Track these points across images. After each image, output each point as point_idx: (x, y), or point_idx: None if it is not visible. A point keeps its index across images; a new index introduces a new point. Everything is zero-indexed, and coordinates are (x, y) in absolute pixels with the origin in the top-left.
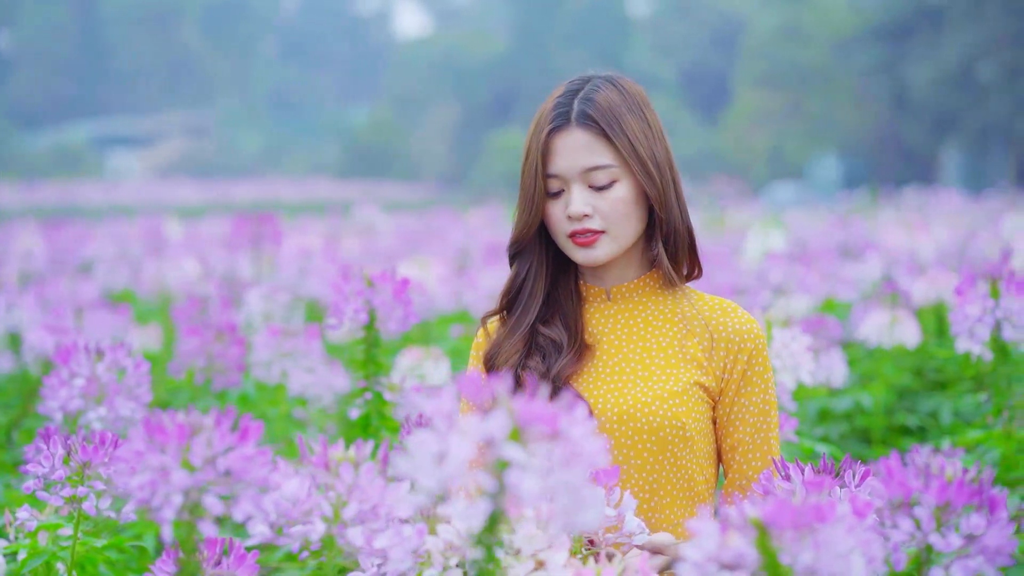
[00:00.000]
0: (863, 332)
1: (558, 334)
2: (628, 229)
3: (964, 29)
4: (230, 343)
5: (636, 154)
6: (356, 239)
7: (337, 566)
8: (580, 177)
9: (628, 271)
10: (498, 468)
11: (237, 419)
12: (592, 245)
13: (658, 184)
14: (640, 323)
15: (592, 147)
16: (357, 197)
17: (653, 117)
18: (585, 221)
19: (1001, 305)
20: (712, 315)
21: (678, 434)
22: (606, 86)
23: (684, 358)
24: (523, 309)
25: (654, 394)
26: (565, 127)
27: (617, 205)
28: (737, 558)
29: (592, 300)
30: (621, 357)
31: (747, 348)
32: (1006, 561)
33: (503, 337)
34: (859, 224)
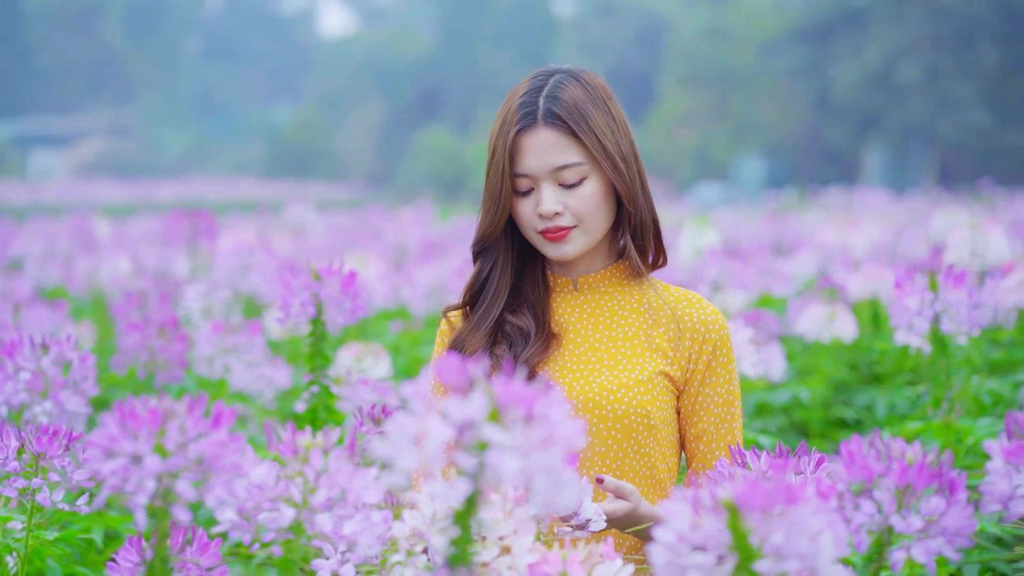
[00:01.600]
0: (801, 327)
1: (525, 322)
2: (599, 223)
3: (886, 31)
4: (172, 339)
5: (604, 150)
6: (288, 237)
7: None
8: (550, 176)
9: (595, 262)
10: (477, 449)
11: (208, 405)
12: (564, 240)
13: (626, 177)
14: (607, 313)
15: (560, 146)
16: (284, 196)
17: (617, 109)
18: (556, 219)
19: (940, 298)
20: (678, 306)
21: (642, 422)
22: (570, 82)
23: (650, 347)
24: (488, 304)
25: (619, 382)
26: (532, 126)
27: (588, 201)
28: (708, 539)
29: (559, 290)
30: (588, 346)
31: (712, 339)
32: (965, 542)
33: (468, 330)
34: (791, 221)
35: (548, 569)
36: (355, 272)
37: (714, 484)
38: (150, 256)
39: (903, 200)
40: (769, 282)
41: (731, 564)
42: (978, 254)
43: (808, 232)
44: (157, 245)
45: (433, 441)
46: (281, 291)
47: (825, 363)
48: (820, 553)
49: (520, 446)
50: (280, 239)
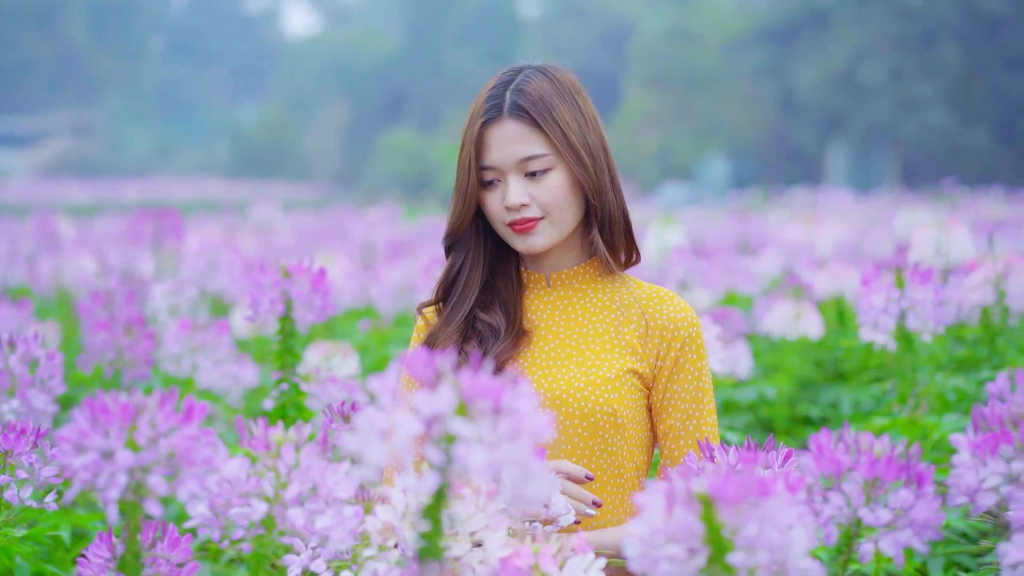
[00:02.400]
0: (767, 324)
1: (496, 319)
2: (566, 215)
3: (849, 32)
4: (140, 337)
5: (568, 142)
6: (254, 237)
7: (274, 548)
8: (515, 167)
9: (567, 258)
10: (446, 442)
11: (180, 400)
12: (531, 231)
13: (591, 171)
14: (578, 309)
15: (525, 137)
16: (249, 197)
17: (586, 104)
18: (523, 210)
19: (906, 295)
20: (649, 303)
21: (609, 420)
22: (538, 76)
23: (619, 344)
24: (459, 299)
25: (587, 380)
26: (498, 119)
27: (554, 192)
28: (682, 531)
29: (532, 286)
30: (558, 343)
31: (680, 336)
32: (933, 534)
33: (439, 326)
34: (756, 221)
35: (520, 563)
36: (325, 269)
37: (681, 478)
38: (115, 255)
39: (867, 200)
40: (735, 281)
41: (704, 556)
42: (942, 252)
43: (773, 231)
44: (122, 244)
45: (402, 435)
46: (251, 288)
47: (791, 361)
48: (792, 545)
49: (488, 439)
50: (246, 239)
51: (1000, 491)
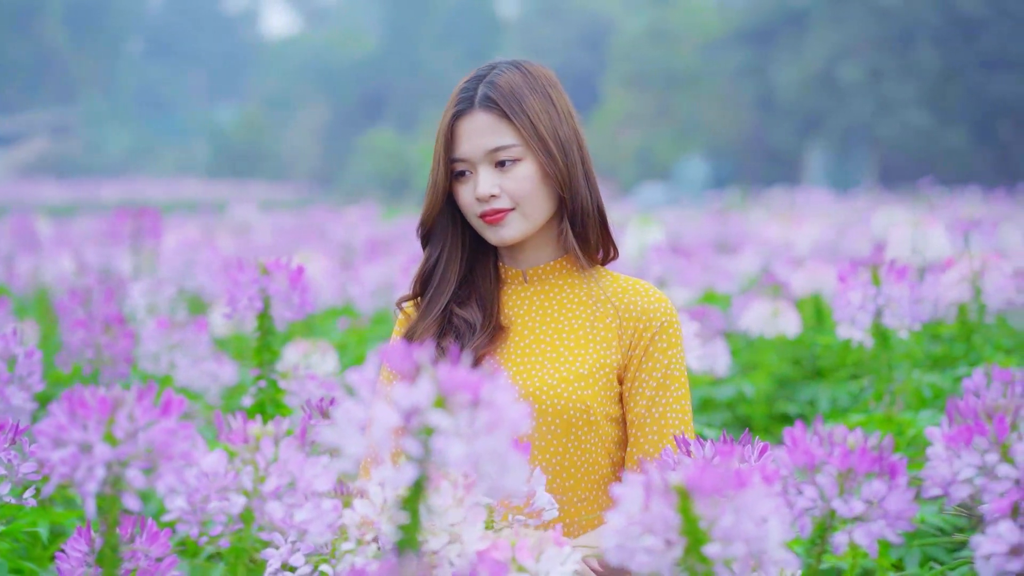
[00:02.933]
0: (745, 322)
1: (472, 315)
2: (537, 207)
3: (827, 32)
4: (118, 335)
5: (537, 133)
6: (232, 237)
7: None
8: (485, 158)
9: (543, 253)
10: (424, 434)
11: (158, 394)
12: (501, 222)
13: (560, 163)
14: (554, 305)
15: (494, 128)
16: (228, 197)
17: (560, 98)
18: (493, 201)
19: (882, 292)
20: (625, 295)
21: (582, 416)
22: (510, 69)
23: (594, 339)
24: (436, 291)
25: (560, 376)
26: (469, 111)
27: (523, 183)
28: (658, 522)
29: (510, 282)
30: (533, 339)
31: (653, 325)
32: (906, 526)
33: (417, 319)
34: (734, 220)
35: (497, 555)
36: (303, 267)
37: (658, 470)
38: (94, 254)
39: (845, 200)
40: (713, 279)
41: (680, 548)
42: (919, 250)
43: (753, 230)
44: (100, 243)
45: (380, 427)
46: (228, 286)
47: (769, 358)
48: (767, 537)
49: (466, 431)
50: (224, 238)
51: (974, 483)
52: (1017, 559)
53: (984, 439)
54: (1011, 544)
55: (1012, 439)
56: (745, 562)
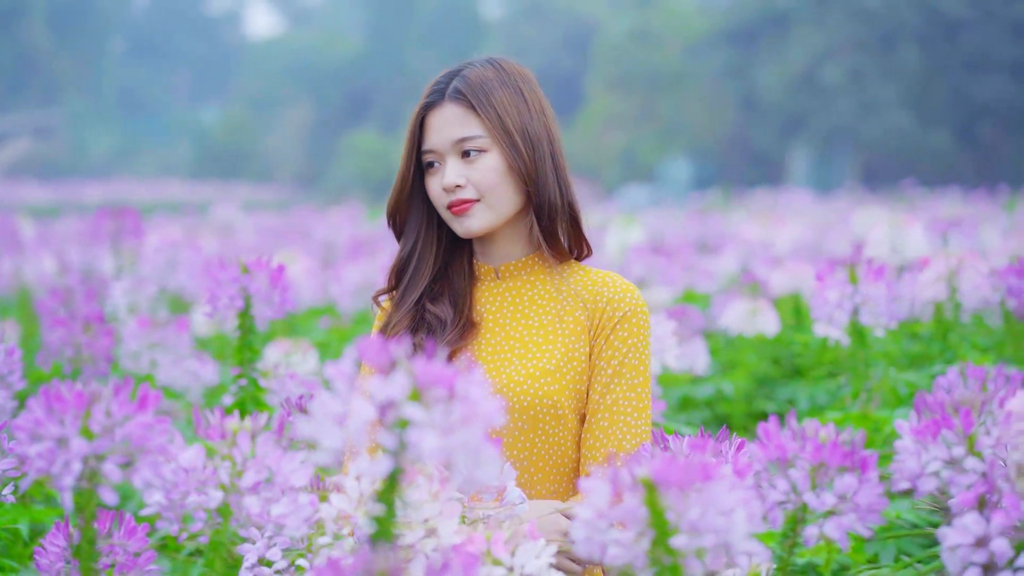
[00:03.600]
0: (724, 321)
1: (444, 311)
2: (502, 199)
3: (809, 33)
4: (99, 334)
5: (503, 126)
6: (215, 237)
7: (230, 537)
8: (452, 149)
9: (515, 249)
10: (399, 427)
11: (135, 389)
12: (466, 213)
13: (525, 156)
14: (525, 301)
15: (462, 120)
16: (211, 197)
17: (533, 94)
18: (459, 192)
19: (859, 291)
20: (592, 287)
21: (549, 411)
22: (484, 65)
23: (562, 334)
24: (410, 282)
25: (527, 372)
26: (439, 103)
27: (487, 174)
28: (626, 515)
29: (483, 278)
30: (503, 335)
31: (617, 313)
32: (877, 519)
33: (391, 310)
34: (715, 220)
35: (472, 549)
36: (283, 266)
37: (627, 463)
38: (76, 254)
39: (826, 200)
40: (693, 279)
41: (648, 540)
42: (897, 249)
43: (733, 230)
44: (82, 244)
45: (356, 420)
46: (209, 284)
47: (748, 357)
48: (733, 528)
49: (440, 424)
50: (207, 239)
51: (941, 476)
52: (983, 550)
53: (951, 433)
54: (977, 536)
55: (979, 432)
56: (715, 554)
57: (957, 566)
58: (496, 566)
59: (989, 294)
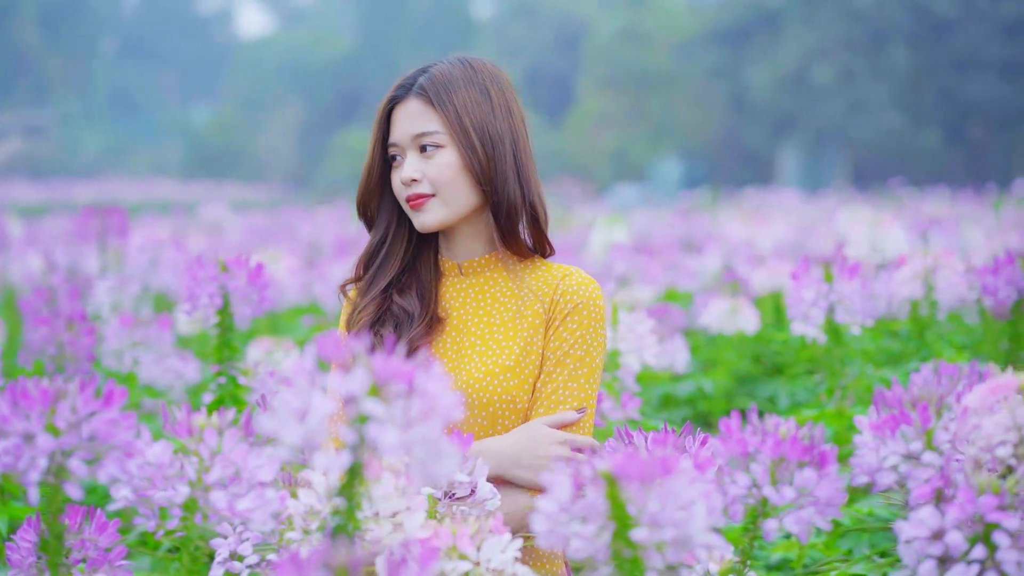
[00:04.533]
0: (704, 320)
1: (411, 304)
2: (456, 195)
3: (800, 33)
4: (80, 332)
5: (461, 123)
6: (203, 236)
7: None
8: (411, 143)
9: (477, 246)
10: (358, 423)
11: (100, 385)
12: (422, 208)
13: (480, 154)
14: (487, 298)
15: (422, 115)
16: (201, 197)
17: (500, 95)
18: (414, 186)
19: (834, 289)
20: (551, 280)
21: (508, 407)
22: (454, 63)
23: (521, 330)
24: (378, 272)
25: (486, 369)
26: (404, 98)
27: (442, 170)
28: (588, 509)
29: (448, 274)
30: (465, 332)
31: (569, 304)
32: (836, 513)
33: (357, 299)
34: (700, 219)
35: (438, 543)
36: (262, 264)
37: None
38: (62, 253)
39: (815, 200)
40: (676, 277)
41: (609, 533)
42: (877, 248)
43: (718, 229)
44: (69, 243)
45: (315, 416)
46: (188, 282)
47: (728, 355)
48: (693, 521)
49: (400, 419)
50: (196, 238)
51: (899, 470)
52: (938, 543)
53: (910, 428)
54: (932, 529)
55: (937, 427)
56: (675, 547)
57: (913, 559)
58: (462, 560)
59: (965, 292)
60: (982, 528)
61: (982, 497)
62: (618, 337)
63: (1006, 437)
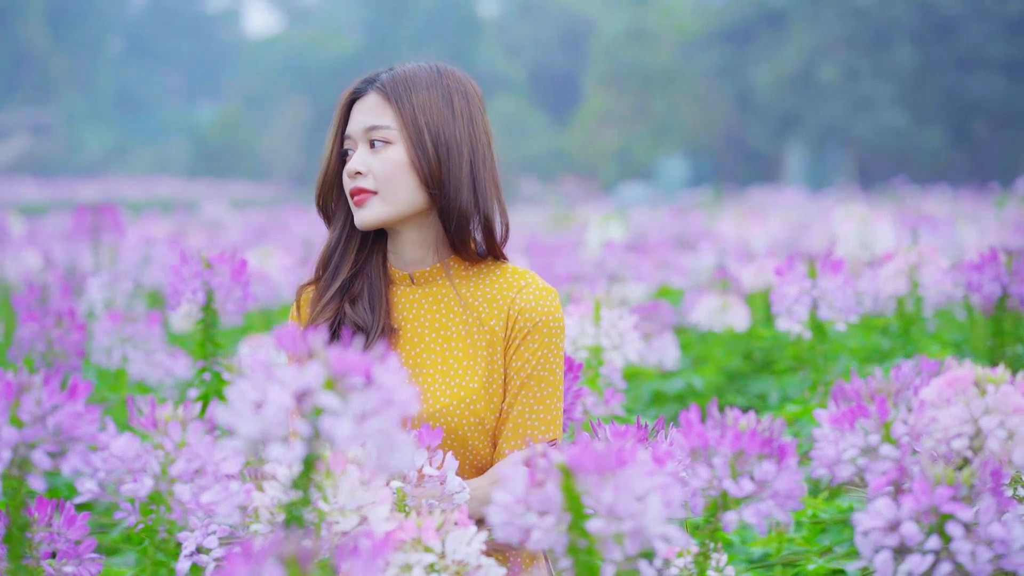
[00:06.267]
0: (694, 317)
1: (363, 317)
2: (400, 194)
3: (804, 32)
4: (70, 328)
5: (415, 123)
6: (202, 234)
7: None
8: (363, 136)
9: (426, 255)
10: (313, 415)
11: (66, 378)
12: (363, 204)
13: (432, 155)
14: (441, 310)
15: (377, 109)
16: (205, 195)
17: (463, 104)
18: (358, 179)
19: (818, 285)
20: (508, 291)
21: (476, 428)
22: (421, 66)
23: (483, 346)
24: (335, 272)
25: (453, 395)
26: (364, 92)
27: (387, 165)
28: (544, 501)
29: (399, 283)
30: (423, 347)
31: (528, 324)
32: (795, 505)
33: (314, 302)
34: (695, 216)
35: (403, 536)
36: (245, 260)
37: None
38: (60, 251)
39: (817, 198)
40: (669, 275)
41: (565, 524)
42: (867, 245)
43: (715, 227)
44: (65, 240)
45: (272, 407)
46: (172, 279)
47: (718, 352)
48: (648, 513)
49: (355, 411)
50: (196, 236)
51: (857, 463)
52: (894, 534)
53: (868, 421)
54: (888, 520)
55: (895, 420)
56: (633, 538)
57: (869, 550)
58: (427, 553)
59: (951, 289)
60: (937, 519)
61: (937, 489)
62: (600, 334)
63: (962, 430)
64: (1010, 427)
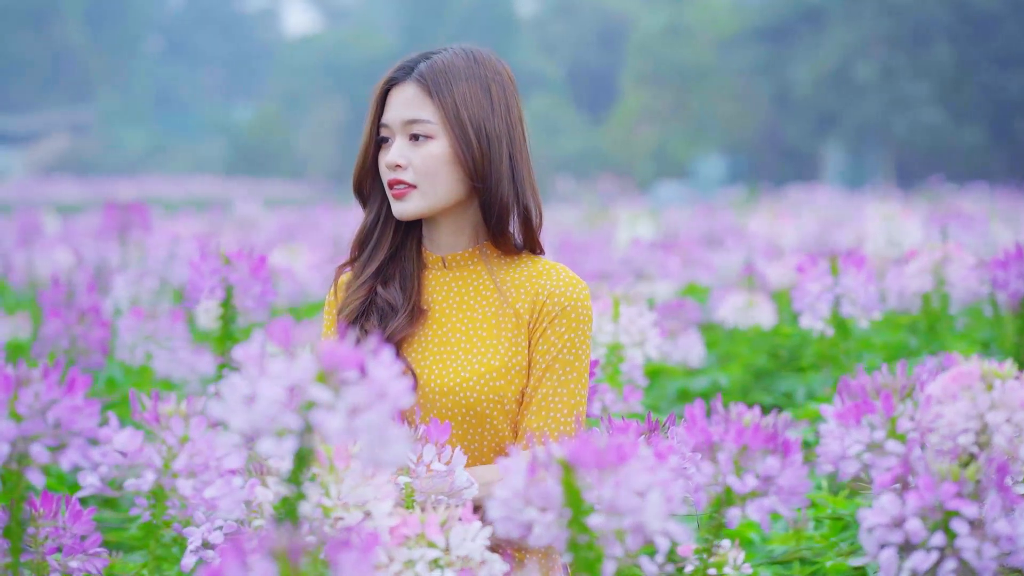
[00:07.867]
0: (720, 314)
1: (394, 296)
2: (440, 188)
3: (842, 30)
4: (93, 325)
5: (457, 116)
6: (234, 232)
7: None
8: (402, 129)
9: (461, 239)
10: (305, 409)
11: (65, 372)
12: (403, 198)
13: (475, 149)
14: (471, 292)
15: (417, 102)
16: (241, 194)
17: (501, 93)
18: (398, 172)
19: (840, 282)
20: (537, 278)
21: (497, 407)
22: (459, 53)
23: (507, 328)
24: (371, 254)
25: (473, 370)
26: (402, 81)
27: (428, 161)
28: (544, 495)
29: (432, 267)
30: (450, 327)
31: (556, 308)
32: (800, 501)
33: (351, 281)
34: (726, 214)
35: (407, 531)
36: (265, 256)
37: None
38: (90, 249)
39: (853, 197)
40: (698, 272)
41: (565, 519)
42: (894, 242)
43: (746, 225)
44: (95, 238)
45: (263, 401)
46: (191, 275)
47: (744, 350)
48: (648, 509)
49: (347, 405)
50: (228, 234)
51: (862, 458)
52: (898, 531)
53: (874, 416)
54: (893, 516)
55: (901, 415)
56: (633, 534)
57: (874, 547)
58: (431, 548)
59: (977, 287)
60: (942, 516)
61: (942, 485)
62: (620, 330)
63: (968, 425)
64: (1017, 422)
